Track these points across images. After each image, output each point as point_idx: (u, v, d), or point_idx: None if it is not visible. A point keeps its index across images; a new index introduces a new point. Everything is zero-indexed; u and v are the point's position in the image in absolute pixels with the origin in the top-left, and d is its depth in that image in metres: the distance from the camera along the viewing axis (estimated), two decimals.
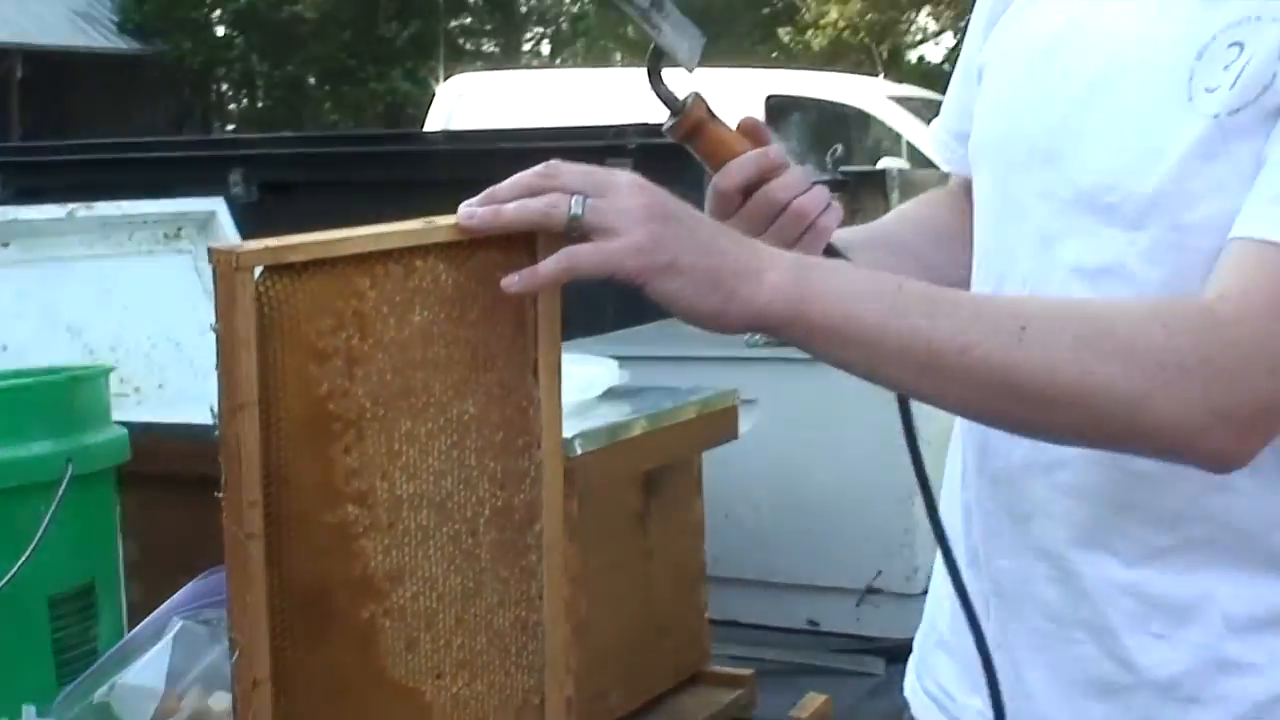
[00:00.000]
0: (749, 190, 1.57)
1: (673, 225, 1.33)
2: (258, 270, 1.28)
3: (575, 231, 1.32)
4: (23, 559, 1.66)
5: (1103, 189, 1.47)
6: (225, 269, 1.27)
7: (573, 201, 1.31)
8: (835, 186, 5.17)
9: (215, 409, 1.31)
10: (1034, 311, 1.38)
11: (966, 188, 1.76)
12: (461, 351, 1.40)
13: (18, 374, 2.02)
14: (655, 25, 1.52)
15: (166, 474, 1.97)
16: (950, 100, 1.83)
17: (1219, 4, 1.42)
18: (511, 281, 1.35)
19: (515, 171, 1.40)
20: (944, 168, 1.85)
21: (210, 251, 1.29)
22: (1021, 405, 1.36)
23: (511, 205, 1.33)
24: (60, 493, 1.72)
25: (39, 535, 1.69)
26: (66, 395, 1.83)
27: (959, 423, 1.67)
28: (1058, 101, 1.52)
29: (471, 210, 1.35)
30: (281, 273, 1.29)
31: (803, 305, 1.33)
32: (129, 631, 1.81)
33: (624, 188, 1.33)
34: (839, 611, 4.03)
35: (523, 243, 1.39)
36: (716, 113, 1.60)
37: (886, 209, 3.30)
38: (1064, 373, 1.32)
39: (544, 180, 1.34)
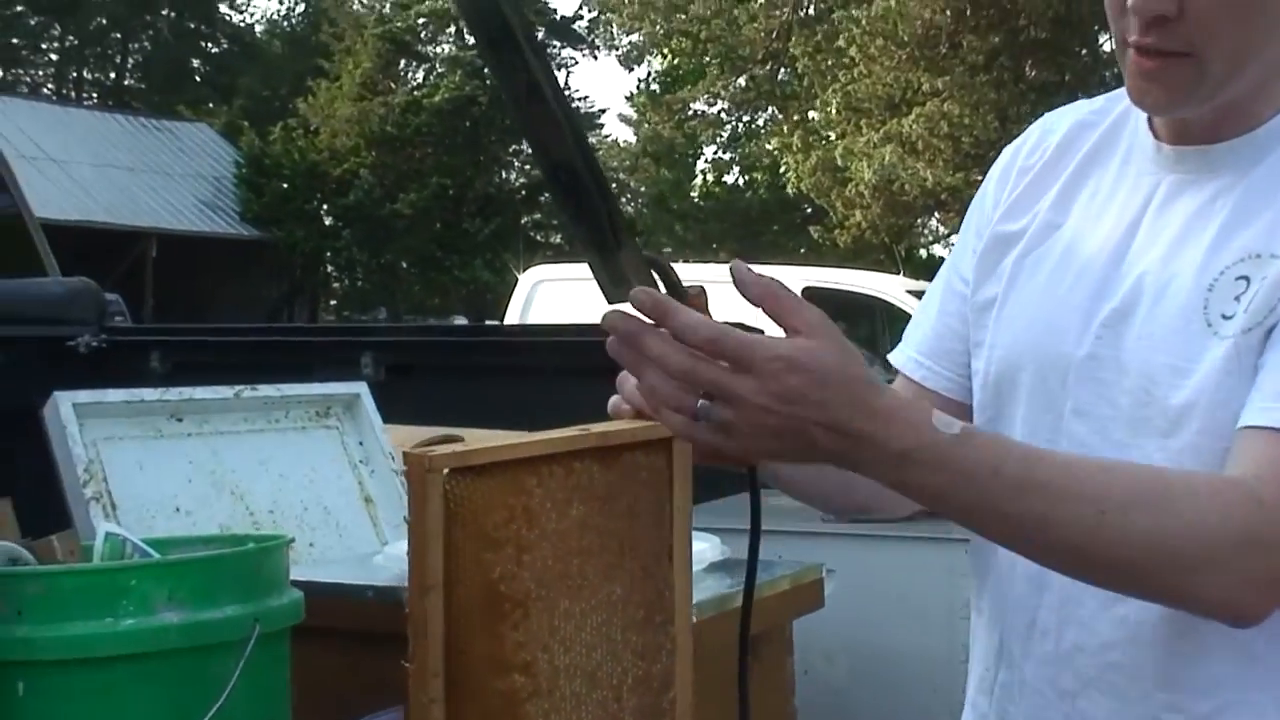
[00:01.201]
0: None
1: (789, 431, 1.27)
2: (445, 470, 1.29)
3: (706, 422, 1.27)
4: (215, 706, 1.67)
5: (1138, 405, 1.48)
6: (417, 471, 1.28)
7: (699, 410, 1.27)
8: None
9: (405, 588, 1.31)
10: (1113, 496, 1.35)
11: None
12: (611, 540, 1.41)
13: (205, 541, 2.03)
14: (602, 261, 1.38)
15: (322, 627, 1.96)
16: (926, 322, 1.79)
17: (1223, 247, 1.47)
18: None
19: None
20: (921, 382, 1.77)
21: (405, 456, 1.30)
22: (1095, 573, 1.39)
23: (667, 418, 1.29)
24: (249, 650, 1.73)
25: (230, 685, 1.69)
26: (254, 565, 1.84)
27: (988, 609, 1.66)
28: (1091, 328, 1.54)
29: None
30: (464, 473, 1.30)
31: (924, 480, 1.32)
32: None
33: (751, 392, 1.26)
34: None
35: (661, 447, 1.42)
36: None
37: None
38: (1134, 550, 1.33)
39: (683, 384, 1.28)
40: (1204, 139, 1.53)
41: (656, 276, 1.39)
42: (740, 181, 32.09)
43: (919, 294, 12.65)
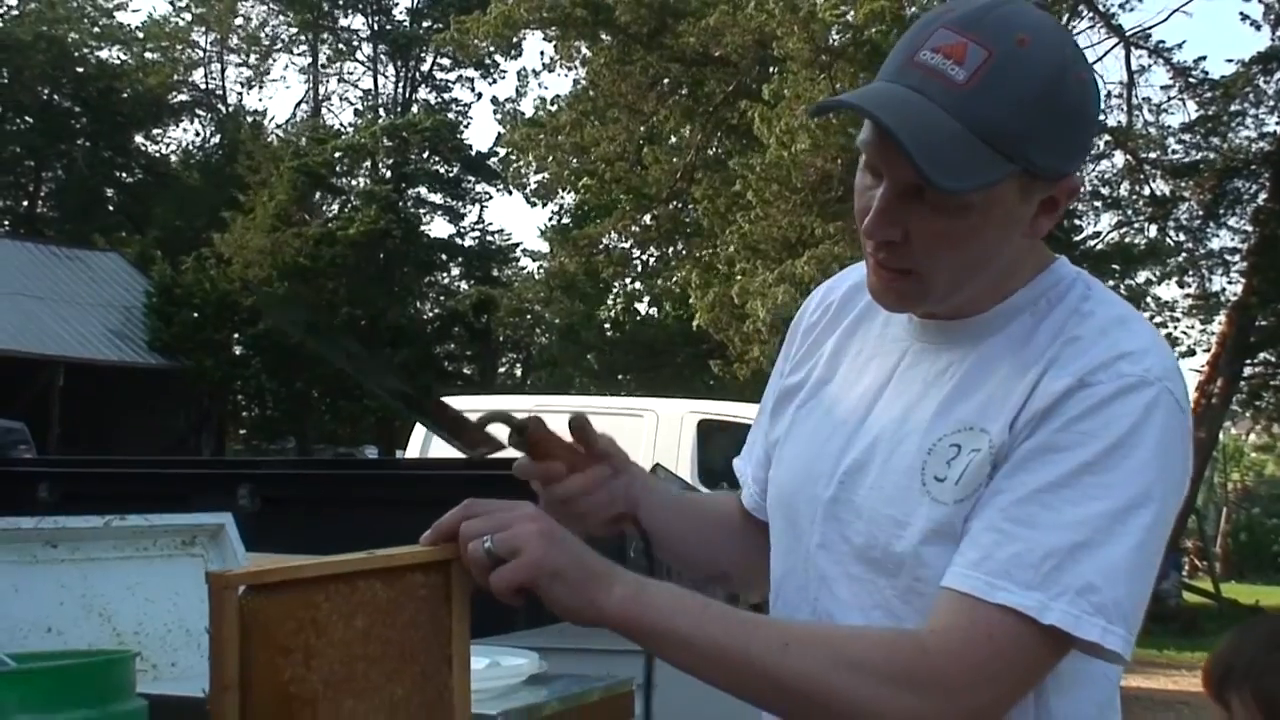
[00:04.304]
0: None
1: (557, 545, 1.60)
2: (241, 588, 1.52)
3: (493, 558, 1.59)
4: None
5: (867, 546, 1.74)
6: (217, 586, 1.51)
7: (484, 542, 1.59)
8: None
9: (206, 690, 1.53)
10: (796, 633, 1.64)
11: (750, 512, 2.05)
12: (392, 648, 1.62)
13: (63, 654, 2.22)
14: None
15: None
16: (756, 448, 2.06)
17: (946, 415, 1.72)
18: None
19: (461, 494, 1.66)
20: (745, 504, 2.07)
21: (206, 575, 1.53)
22: (783, 701, 1.62)
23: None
24: None
25: None
26: (100, 674, 2.03)
27: None
28: (835, 475, 1.79)
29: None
30: (258, 590, 1.53)
31: (635, 614, 1.61)
32: None
33: (521, 518, 1.61)
34: None
35: (440, 568, 1.64)
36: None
37: None
38: (812, 680, 1.58)
39: (461, 521, 1.62)
40: (945, 315, 1.78)
41: (502, 424, 1.81)
42: (652, 313, 32.45)
43: None
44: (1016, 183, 1.65)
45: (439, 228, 41.57)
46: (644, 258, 29.19)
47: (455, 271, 40.40)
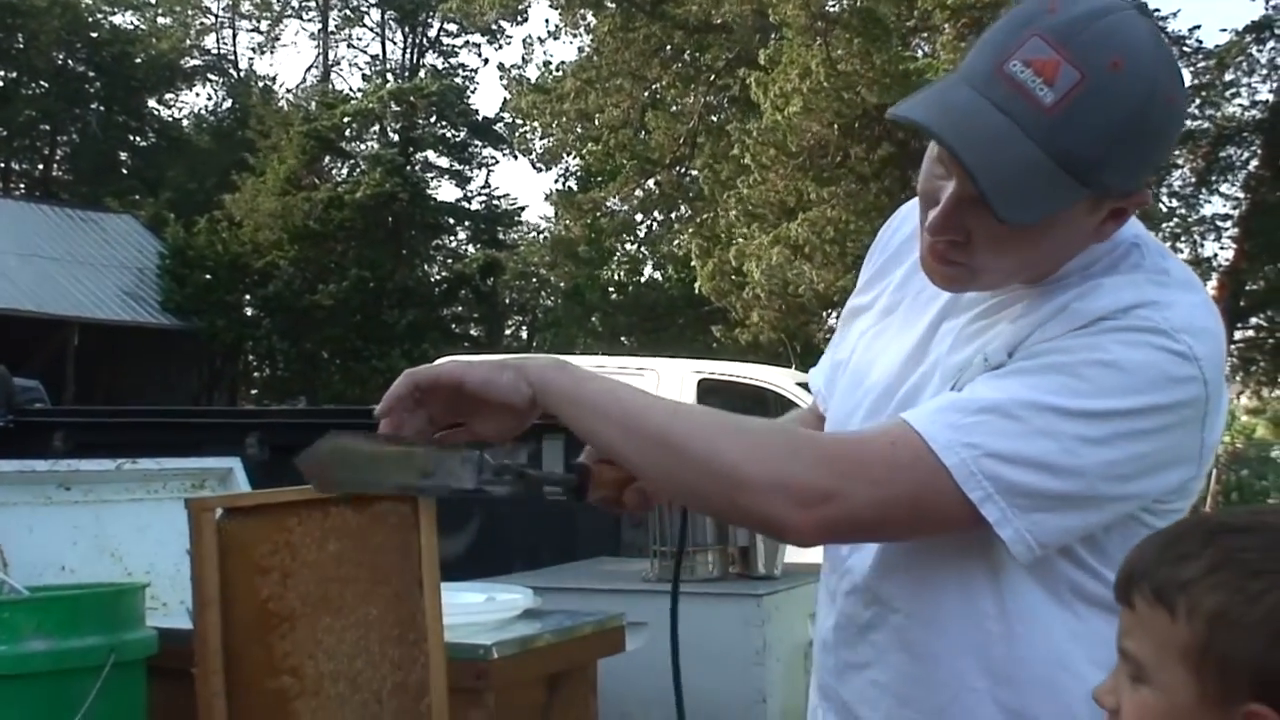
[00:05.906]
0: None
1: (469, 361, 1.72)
2: (219, 512, 1.65)
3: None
4: None
5: None
6: (197, 511, 1.64)
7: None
8: None
9: (190, 607, 1.67)
10: (699, 408, 1.74)
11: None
12: (365, 570, 1.73)
13: (77, 587, 2.35)
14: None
15: (182, 668, 2.26)
16: (828, 357, 2.11)
17: (963, 348, 1.76)
18: None
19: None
20: (817, 405, 2.12)
21: (186, 501, 1.66)
22: (668, 459, 1.66)
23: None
24: (104, 675, 2.03)
25: (86, 705, 2.00)
26: (111, 603, 2.14)
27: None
28: (857, 403, 1.88)
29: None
30: (235, 514, 1.65)
31: (555, 376, 1.70)
32: None
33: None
34: None
35: (407, 498, 1.75)
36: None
37: None
38: (695, 438, 1.64)
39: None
40: None
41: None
42: (656, 276, 32.44)
43: (806, 385, 13.09)
44: (1088, 201, 1.65)
45: (446, 191, 41.37)
46: (647, 222, 29.21)
47: (462, 235, 40.30)
